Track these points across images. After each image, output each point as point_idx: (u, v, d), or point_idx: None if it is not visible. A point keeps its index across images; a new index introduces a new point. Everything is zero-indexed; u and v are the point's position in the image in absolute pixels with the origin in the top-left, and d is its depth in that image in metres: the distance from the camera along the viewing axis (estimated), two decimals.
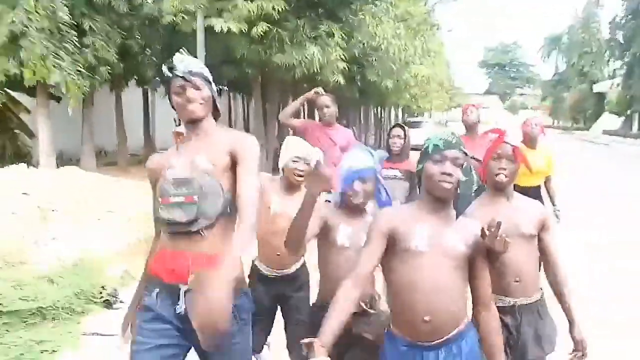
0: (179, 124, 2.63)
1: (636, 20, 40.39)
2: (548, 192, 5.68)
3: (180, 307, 2.27)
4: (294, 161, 3.28)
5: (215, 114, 2.55)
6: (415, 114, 39.70)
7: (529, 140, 5.48)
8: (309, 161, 3.26)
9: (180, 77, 2.40)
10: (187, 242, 2.28)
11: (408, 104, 29.17)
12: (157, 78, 14.48)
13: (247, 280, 3.08)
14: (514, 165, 2.73)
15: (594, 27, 59.64)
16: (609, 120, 48.64)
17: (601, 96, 52.23)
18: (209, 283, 1.95)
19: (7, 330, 4.38)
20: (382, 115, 33.73)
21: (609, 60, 52.41)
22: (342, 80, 12.66)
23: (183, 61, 2.44)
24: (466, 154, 2.23)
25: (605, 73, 55.59)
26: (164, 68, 2.44)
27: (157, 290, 2.32)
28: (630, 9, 41.72)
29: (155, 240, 2.51)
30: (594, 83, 56.33)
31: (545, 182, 5.62)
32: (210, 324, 1.92)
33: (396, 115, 44.65)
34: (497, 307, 2.58)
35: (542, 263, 2.87)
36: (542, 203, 5.43)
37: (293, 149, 3.35)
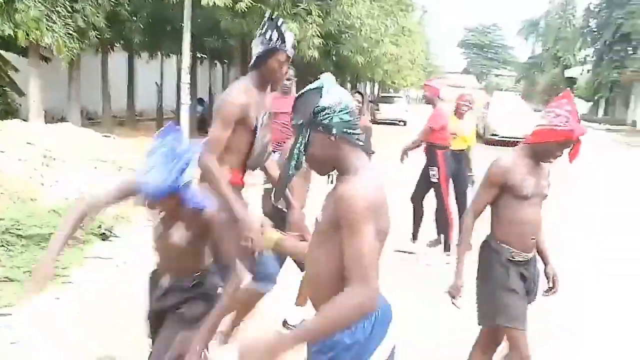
0: (160, 89, 3.49)
1: (609, 9, 41.48)
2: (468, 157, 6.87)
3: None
4: None
5: None
6: (390, 90, 40.68)
7: (459, 113, 6.78)
8: None
9: (288, 56, 3.17)
10: None
11: (383, 80, 30.13)
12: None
13: None
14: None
15: (570, 14, 60.84)
16: (578, 105, 49.91)
17: (572, 81, 53.57)
18: None
19: (25, 250, 5.37)
20: (358, 89, 34.63)
21: (581, 47, 53.59)
22: (317, 55, 13.53)
23: (291, 39, 3.19)
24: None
25: (577, 59, 56.84)
26: (274, 34, 3.09)
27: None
28: None
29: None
30: (567, 68, 57.66)
31: (467, 148, 6.84)
32: None
33: (372, 91, 45.54)
34: (519, 261, 3.07)
35: None
36: (470, 165, 6.79)
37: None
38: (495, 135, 19.37)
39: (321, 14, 13.47)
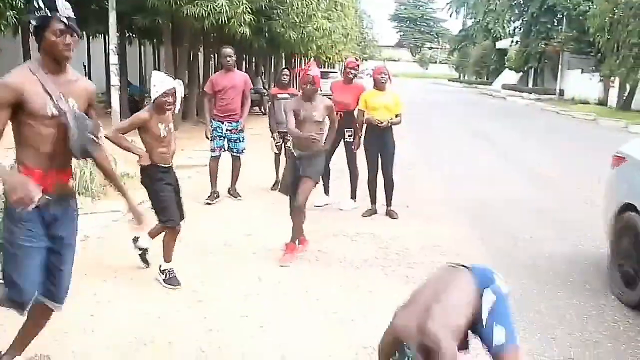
0: (88, 71, 3.54)
1: None
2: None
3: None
4: (164, 96, 4.51)
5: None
6: (325, 65, 40.62)
7: (378, 86, 7.10)
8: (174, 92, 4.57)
9: (63, 22, 2.76)
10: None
11: (317, 55, 30.03)
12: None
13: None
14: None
15: None
16: (509, 76, 51.44)
17: (503, 52, 54.80)
18: None
19: None
20: (293, 65, 34.50)
21: (510, 19, 54.80)
22: (248, 32, 13.30)
23: (65, 5, 2.80)
24: None
25: (507, 31, 58.13)
26: (40, 3, 2.74)
27: None
28: None
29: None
30: (497, 40, 58.91)
31: (396, 116, 7.09)
32: None
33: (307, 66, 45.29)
34: None
35: None
36: (392, 136, 7.02)
37: (160, 85, 4.51)
38: None
39: None
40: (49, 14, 2.74)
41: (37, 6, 2.75)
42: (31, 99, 2.76)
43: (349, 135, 7.37)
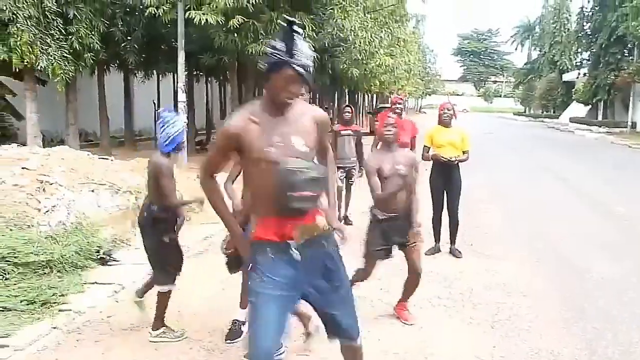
0: (158, 108, 3.80)
1: (602, 12, 41.51)
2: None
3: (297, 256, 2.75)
4: None
5: None
6: (389, 101, 40.73)
7: (443, 122, 6.85)
8: None
9: (296, 69, 2.59)
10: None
11: (380, 91, 30.23)
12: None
13: None
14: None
15: (564, 18, 61.09)
16: (577, 109, 50.13)
17: (570, 85, 53.62)
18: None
19: (22, 278, 5.29)
20: (356, 100, 34.80)
21: (577, 51, 53.69)
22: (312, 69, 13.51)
23: (305, 53, 2.63)
24: None
25: (574, 63, 56.95)
26: (279, 46, 2.58)
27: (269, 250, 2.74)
28: (597, 1, 42.82)
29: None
30: (564, 72, 57.71)
31: (463, 153, 6.84)
32: None
33: (370, 101, 45.60)
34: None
35: None
36: (459, 173, 6.84)
37: None
38: None
39: (315, 28, 13.49)
40: (283, 59, 2.59)
41: (275, 48, 2.61)
42: (250, 144, 2.64)
43: None
